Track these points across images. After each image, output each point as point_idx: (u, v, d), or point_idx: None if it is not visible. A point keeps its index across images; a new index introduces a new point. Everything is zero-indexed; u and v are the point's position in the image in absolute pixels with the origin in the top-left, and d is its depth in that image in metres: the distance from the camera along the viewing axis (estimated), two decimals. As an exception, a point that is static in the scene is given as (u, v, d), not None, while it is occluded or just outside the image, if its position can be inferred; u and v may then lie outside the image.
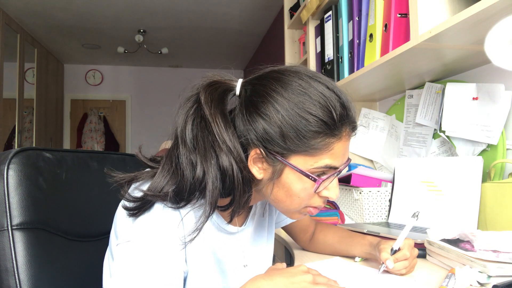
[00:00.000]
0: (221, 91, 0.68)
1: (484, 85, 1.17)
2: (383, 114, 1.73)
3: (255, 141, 0.64)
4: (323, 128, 0.63)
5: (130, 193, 0.69)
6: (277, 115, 0.62)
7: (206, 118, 0.64)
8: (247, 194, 0.67)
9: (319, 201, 0.70)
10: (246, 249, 0.79)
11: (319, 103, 0.63)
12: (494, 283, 0.66)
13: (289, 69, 0.67)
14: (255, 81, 0.68)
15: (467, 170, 1.13)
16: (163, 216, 0.64)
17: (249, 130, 0.64)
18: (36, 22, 4.25)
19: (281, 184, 0.66)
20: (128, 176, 0.71)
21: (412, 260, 0.79)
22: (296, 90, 0.63)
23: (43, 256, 0.70)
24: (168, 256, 0.62)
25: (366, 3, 1.35)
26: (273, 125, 0.63)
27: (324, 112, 0.63)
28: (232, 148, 0.63)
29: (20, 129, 4.21)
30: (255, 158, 0.66)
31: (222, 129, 0.63)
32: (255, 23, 4.39)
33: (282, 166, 0.65)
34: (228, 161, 0.63)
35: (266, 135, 0.63)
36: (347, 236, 0.95)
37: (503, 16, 0.84)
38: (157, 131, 5.95)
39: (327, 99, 0.63)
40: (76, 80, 5.97)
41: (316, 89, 0.64)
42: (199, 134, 0.64)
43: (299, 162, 0.64)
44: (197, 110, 0.66)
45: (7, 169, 0.69)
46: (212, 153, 0.63)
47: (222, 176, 0.63)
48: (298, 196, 0.67)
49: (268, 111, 0.63)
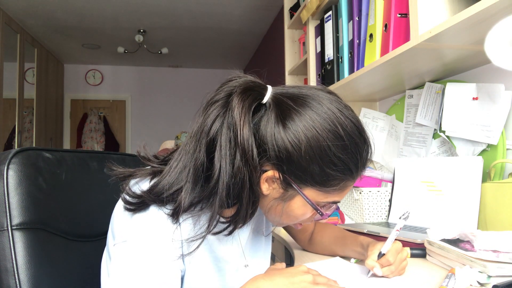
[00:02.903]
0: (252, 98, 0.63)
1: (484, 85, 1.17)
2: (383, 114, 1.73)
3: (273, 160, 0.62)
4: (347, 174, 0.63)
5: (131, 186, 0.69)
6: (307, 147, 0.60)
7: (235, 126, 0.60)
8: (252, 207, 0.65)
9: (310, 221, 0.73)
10: (244, 248, 0.79)
11: (350, 150, 0.62)
12: (494, 283, 0.66)
13: (326, 97, 0.64)
14: (288, 101, 0.63)
15: (467, 170, 1.13)
16: (161, 216, 0.63)
17: (273, 149, 0.61)
18: (36, 22, 4.25)
19: (285, 205, 0.67)
20: (128, 171, 0.71)
21: (399, 263, 0.77)
22: (332, 128, 0.61)
23: (43, 256, 0.70)
24: (165, 255, 0.62)
25: (366, 3, 1.35)
26: (299, 155, 0.60)
27: (352, 160, 0.62)
28: (251, 161, 0.60)
29: (20, 129, 4.21)
30: (269, 178, 0.64)
31: (246, 140, 0.60)
32: (255, 23, 4.39)
33: (295, 193, 0.65)
34: (244, 173, 0.60)
35: (289, 160, 0.61)
36: (341, 237, 0.95)
37: (503, 16, 0.84)
38: (157, 131, 5.96)
39: (358, 146, 0.63)
40: (76, 80, 5.97)
41: (348, 133, 0.62)
42: (223, 140, 0.61)
43: (312, 195, 0.65)
44: (225, 114, 0.62)
45: (7, 169, 0.69)
46: (231, 162, 0.60)
47: (233, 186, 0.61)
48: (297, 218, 0.69)
49: (299, 139, 0.60)
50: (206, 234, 0.63)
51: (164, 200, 0.63)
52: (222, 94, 0.64)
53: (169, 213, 0.63)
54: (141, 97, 6.17)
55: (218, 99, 0.63)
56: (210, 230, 0.63)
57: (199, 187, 0.62)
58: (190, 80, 6.26)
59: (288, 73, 2.40)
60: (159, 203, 0.63)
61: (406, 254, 0.79)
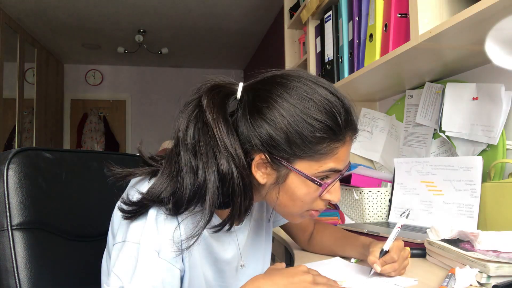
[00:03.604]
0: (223, 95, 0.66)
1: (484, 85, 1.17)
2: (383, 114, 1.73)
3: (259, 146, 0.64)
4: (329, 134, 0.63)
5: (129, 190, 0.69)
6: (283, 120, 0.62)
7: (208, 123, 0.63)
8: (247, 201, 0.66)
9: (322, 204, 0.70)
10: (243, 248, 0.79)
11: (324, 109, 0.63)
12: (494, 283, 0.66)
13: (292, 73, 0.67)
14: (258, 86, 0.67)
15: (467, 170, 1.13)
16: (160, 216, 0.64)
17: (254, 135, 0.64)
18: (36, 22, 4.25)
19: (285, 189, 0.67)
20: (126, 171, 0.71)
21: (402, 261, 0.77)
22: (301, 96, 0.63)
23: (43, 256, 0.70)
24: (165, 255, 0.62)
25: (366, 3, 1.35)
26: (278, 131, 0.62)
27: (329, 118, 0.63)
28: (234, 153, 0.62)
29: (20, 129, 4.21)
30: (259, 163, 0.65)
31: (224, 135, 0.62)
32: (255, 23, 4.39)
33: (287, 171, 0.65)
34: (229, 167, 0.62)
35: (271, 140, 0.63)
36: (342, 237, 0.95)
37: (503, 16, 0.84)
38: (157, 131, 5.95)
39: (332, 104, 0.64)
40: (76, 80, 5.96)
41: (320, 95, 0.64)
42: (201, 139, 0.63)
43: (304, 167, 0.64)
44: (198, 114, 0.65)
45: (7, 169, 0.69)
46: (213, 158, 0.62)
47: (223, 182, 0.63)
48: (301, 200, 0.67)
49: (273, 116, 0.63)
50: (202, 230, 0.64)
51: (163, 200, 0.63)
52: (194, 96, 0.67)
53: (167, 212, 0.63)
54: (141, 97, 6.17)
55: (190, 101, 0.67)
56: (205, 224, 0.63)
57: (191, 184, 0.63)
58: (190, 80, 6.25)
59: (288, 73, 2.39)
60: (158, 204, 0.63)
61: (408, 252, 0.79)
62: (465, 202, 1.12)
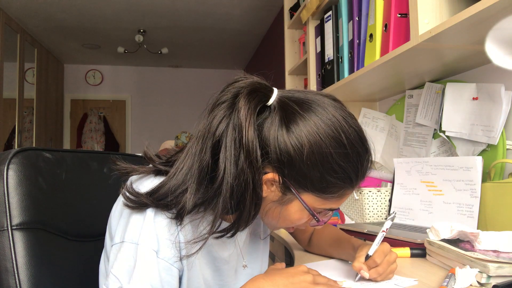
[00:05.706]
0: (258, 100, 0.62)
1: (484, 85, 1.17)
2: (383, 114, 1.73)
3: (274, 163, 0.62)
4: (347, 183, 0.63)
5: (132, 184, 0.69)
6: (310, 153, 0.60)
7: (240, 126, 0.60)
8: (254, 211, 0.64)
9: (305, 226, 0.73)
10: (242, 248, 0.79)
11: (352, 158, 0.62)
12: (494, 283, 0.66)
13: (331, 104, 0.64)
14: (293, 105, 0.63)
15: (467, 170, 1.13)
16: (158, 217, 0.63)
17: (275, 151, 0.61)
18: (36, 22, 4.25)
19: (282, 209, 0.66)
20: (130, 167, 0.71)
21: (387, 266, 0.74)
22: (335, 135, 0.61)
23: (43, 256, 0.70)
24: (163, 256, 0.62)
25: (366, 3, 1.35)
26: (301, 159, 0.60)
27: (353, 169, 0.62)
28: (255, 162, 0.60)
29: (20, 129, 4.21)
30: (269, 180, 0.64)
31: (251, 142, 0.60)
32: (255, 23, 4.39)
33: (293, 197, 0.64)
34: (248, 175, 0.60)
35: (290, 164, 0.61)
36: (336, 240, 0.94)
37: (503, 16, 0.84)
38: (157, 131, 5.96)
39: (359, 156, 0.63)
40: (76, 80, 5.97)
41: (351, 142, 0.62)
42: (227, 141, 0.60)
43: (310, 200, 0.64)
44: (231, 115, 0.62)
45: (7, 169, 0.69)
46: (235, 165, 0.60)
47: (237, 188, 0.60)
48: (292, 222, 0.68)
49: (302, 143, 0.60)
50: (208, 236, 0.63)
51: (168, 203, 0.62)
52: (228, 95, 0.63)
53: (172, 216, 0.62)
54: (141, 97, 6.17)
55: (224, 100, 0.63)
56: (212, 231, 0.63)
57: (203, 188, 0.62)
58: (190, 80, 6.26)
59: (288, 73, 2.39)
60: (159, 207, 0.63)
61: (395, 256, 0.76)
62: (465, 202, 1.12)
